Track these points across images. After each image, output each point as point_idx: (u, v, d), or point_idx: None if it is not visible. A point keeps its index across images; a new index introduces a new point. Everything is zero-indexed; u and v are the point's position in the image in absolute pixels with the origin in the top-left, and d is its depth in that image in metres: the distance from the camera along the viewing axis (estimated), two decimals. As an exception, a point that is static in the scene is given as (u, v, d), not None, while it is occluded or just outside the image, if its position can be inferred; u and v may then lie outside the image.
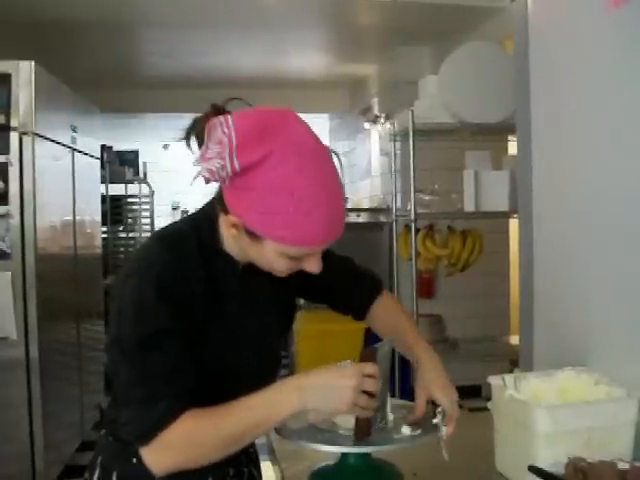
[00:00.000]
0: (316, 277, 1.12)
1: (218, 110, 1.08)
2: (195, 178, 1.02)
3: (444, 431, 1.18)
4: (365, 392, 1.05)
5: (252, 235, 1.05)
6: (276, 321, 1.27)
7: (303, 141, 1.02)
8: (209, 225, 1.14)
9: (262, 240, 1.04)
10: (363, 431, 1.14)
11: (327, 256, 1.09)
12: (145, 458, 1.04)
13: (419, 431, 1.20)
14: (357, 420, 1.13)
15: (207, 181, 1.02)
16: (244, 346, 1.19)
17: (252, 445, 1.38)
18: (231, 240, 1.12)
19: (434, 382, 1.22)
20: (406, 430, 1.20)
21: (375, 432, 1.20)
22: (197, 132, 1.06)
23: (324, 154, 1.05)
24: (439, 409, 1.20)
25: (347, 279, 1.39)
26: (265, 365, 1.22)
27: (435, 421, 1.19)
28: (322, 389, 1.04)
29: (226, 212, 1.07)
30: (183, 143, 1.08)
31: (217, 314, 1.13)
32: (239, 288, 1.17)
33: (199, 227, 1.15)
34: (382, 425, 1.22)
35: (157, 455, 1.03)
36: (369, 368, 1.06)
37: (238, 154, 0.98)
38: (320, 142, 1.05)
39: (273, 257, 1.07)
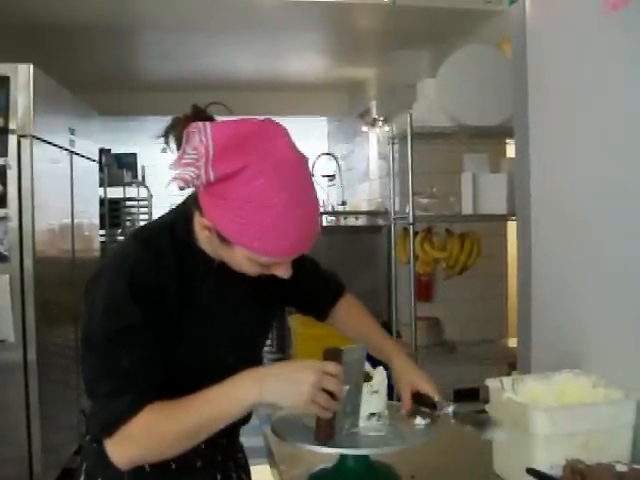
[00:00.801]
0: (289, 279, 1.13)
1: (198, 112, 1.09)
2: (168, 184, 1.02)
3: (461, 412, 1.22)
4: (326, 392, 1.05)
5: (224, 239, 1.06)
6: (253, 318, 1.27)
7: (281, 154, 1.02)
8: (185, 222, 1.15)
9: (233, 246, 1.05)
10: (324, 433, 1.11)
11: (300, 258, 1.10)
12: (109, 451, 1.05)
13: (428, 420, 1.23)
14: (318, 420, 1.11)
15: (181, 188, 1.02)
16: (220, 343, 1.19)
17: (240, 450, 1.39)
18: (204, 239, 1.13)
19: (417, 377, 1.28)
20: (420, 421, 1.23)
21: (375, 433, 1.20)
22: (176, 133, 1.07)
23: (302, 166, 1.05)
24: (436, 399, 1.23)
25: (316, 281, 1.43)
26: (244, 363, 1.21)
27: (450, 409, 1.22)
28: (281, 382, 1.05)
29: (201, 213, 1.08)
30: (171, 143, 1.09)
31: (191, 310, 1.14)
32: (214, 285, 1.17)
33: (175, 223, 1.16)
34: (353, 430, 1.21)
35: (120, 448, 1.04)
36: (331, 367, 1.06)
37: (214, 164, 0.99)
38: (299, 153, 1.05)
39: (243, 261, 1.08)
